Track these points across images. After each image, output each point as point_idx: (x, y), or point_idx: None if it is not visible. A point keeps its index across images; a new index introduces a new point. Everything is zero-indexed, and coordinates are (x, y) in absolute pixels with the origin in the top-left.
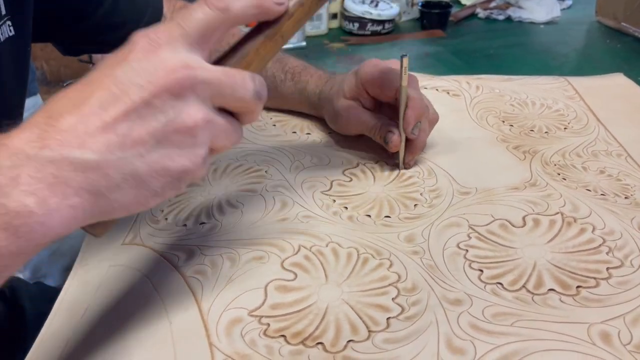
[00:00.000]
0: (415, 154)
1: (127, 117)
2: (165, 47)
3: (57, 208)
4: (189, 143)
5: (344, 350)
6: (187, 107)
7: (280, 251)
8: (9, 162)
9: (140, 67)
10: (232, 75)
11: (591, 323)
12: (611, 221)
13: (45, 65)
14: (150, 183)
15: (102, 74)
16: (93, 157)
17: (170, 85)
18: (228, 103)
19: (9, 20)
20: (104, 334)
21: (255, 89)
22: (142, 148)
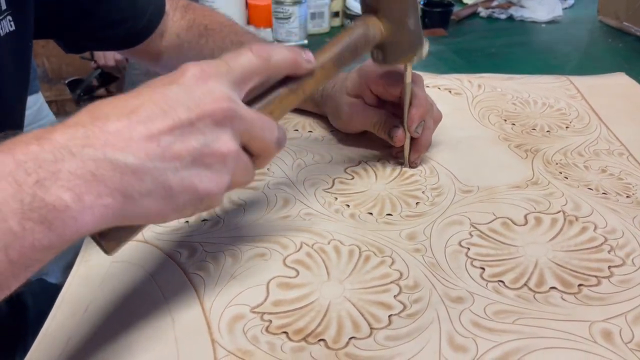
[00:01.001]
0: (421, 152)
1: (171, 132)
2: (213, 78)
3: (91, 205)
4: (218, 168)
5: (346, 347)
6: (224, 135)
7: (282, 248)
8: (52, 157)
9: (190, 91)
10: (264, 120)
11: (593, 321)
12: (613, 220)
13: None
14: (177, 197)
15: (153, 90)
16: (133, 161)
17: (214, 112)
18: (253, 143)
19: (9, 15)
20: (106, 330)
21: (278, 137)
22: (178, 163)
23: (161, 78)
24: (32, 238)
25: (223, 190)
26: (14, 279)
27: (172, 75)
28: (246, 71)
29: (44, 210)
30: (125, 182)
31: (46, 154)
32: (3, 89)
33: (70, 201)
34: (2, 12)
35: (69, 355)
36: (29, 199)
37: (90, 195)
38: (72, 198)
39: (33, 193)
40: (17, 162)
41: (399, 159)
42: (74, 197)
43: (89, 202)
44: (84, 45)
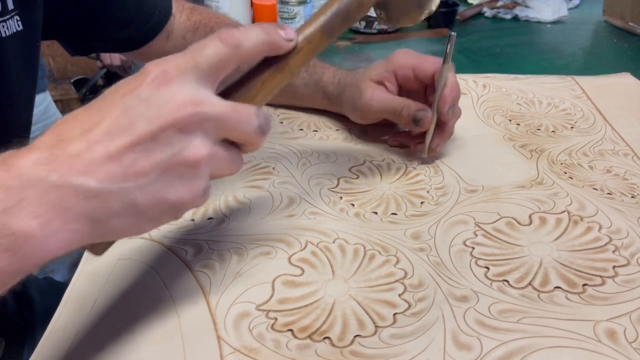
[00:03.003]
0: (444, 139)
1: (132, 149)
2: (176, 80)
3: (58, 231)
4: (191, 176)
5: (351, 345)
6: (193, 141)
7: (287, 247)
8: (17, 183)
9: (150, 100)
10: (237, 111)
11: (597, 320)
12: (617, 220)
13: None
14: (148, 212)
15: (112, 102)
16: (96, 185)
17: (178, 120)
18: (232, 136)
19: (17, 15)
20: (112, 326)
21: (259, 124)
22: (143, 180)
23: (123, 83)
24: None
25: (201, 194)
26: None
27: (134, 80)
28: (214, 62)
29: (11, 238)
30: (90, 207)
31: (12, 181)
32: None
33: (37, 229)
34: (9, 11)
35: (77, 351)
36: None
37: (57, 221)
38: (38, 225)
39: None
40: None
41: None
42: (41, 224)
43: (56, 229)
44: (89, 46)
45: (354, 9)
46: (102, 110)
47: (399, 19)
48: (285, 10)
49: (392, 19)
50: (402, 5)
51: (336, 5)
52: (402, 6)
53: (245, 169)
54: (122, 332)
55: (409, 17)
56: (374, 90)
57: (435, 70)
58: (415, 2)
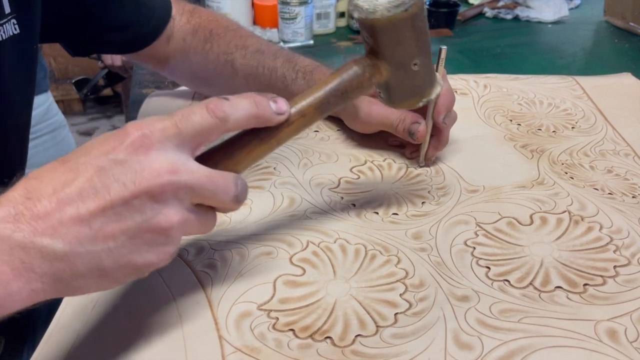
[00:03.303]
0: (439, 149)
1: (103, 213)
2: (155, 145)
3: (18, 291)
4: (161, 242)
5: (352, 345)
6: (165, 209)
7: (288, 247)
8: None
9: (127, 164)
10: (215, 180)
11: (598, 320)
12: (618, 220)
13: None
14: (113, 274)
15: (88, 161)
16: (62, 247)
17: (152, 189)
18: (207, 202)
19: (13, 18)
20: (113, 327)
21: (235, 194)
22: (112, 243)
23: (102, 141)
24: None
25: (168, 258)
26: None
27: (113, 139)
28: (198, 131)
29: None
30: (55, 268)
31: None
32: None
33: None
34: (5, 15)
35: (78, 351)
36: None
37: (18, 282)
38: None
39: None
40: None
41: (415, 158)
42: (1, 283)
43: (16, 288)
44: (89, 48)
45: (353, 88)
46: (76, 168)
47: (397, 103)
48: (286, 11)
49: (391, 101)
50: (402, 90)
51: (335, 82)
52: (401, 91)
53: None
54: (124, 332)
55: (408, 102)
56: (370, 105)
57: None
58: (414, 91)
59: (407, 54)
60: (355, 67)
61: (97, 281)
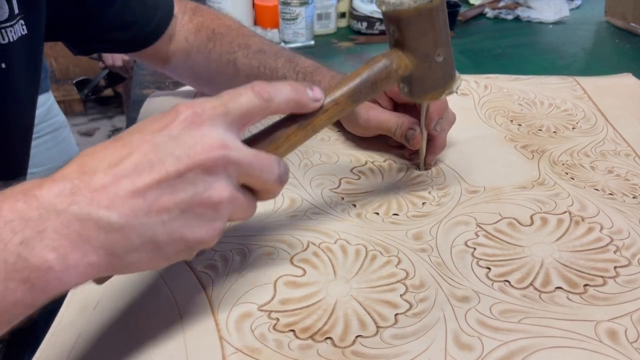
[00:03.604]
0: (437, 153)
1: (159, 186)
2: (207, 122)
3: (75, 264)
4: (211, 217)
5: (352, 345)
6: (216, 183)
7: (289, 247)
8: (37, 215)
9: (180, 138)
10: (261, 159)
11: (598, 321)
12: (619, 220)
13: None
14: (165, 249)
15: (142, 138)
16: (118, 219)
17: (205, 162)
18: (253, 182)
19: (21, 19)
20: (115, 327)
21: (279, 173)
22: (165, 216)
23: (152, 120)
24: (14, 297)
25: (216, 235)
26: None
27: (164, 118)
28: (245, 112)
29: (27, 271)
30: (110, 241)
31: (32, 212)
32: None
33: (55, 262)
34: (15, 16)
35: (79, 352)
36: (13, 259)
37: (76, 254)
38: (56, 258)
39: (18, 253)
40: (3, 219)
41: (414, 161)
42: (59, 257)
43: (73, 262)
44: (92, 47)
45: (382, 79)
46: (130, 144)
47: (420, 96)
48: (287, 12)
49: (414, 95)
50: (425, 82)
51: (366, 73)
52: (425, 84)
53: None
54: (125, 332)
55: (430, 95)
56: (369, 110)
57: None
58: (437, 83)
59: (432, 45)
60: (384, 60)
61: (149, 256)
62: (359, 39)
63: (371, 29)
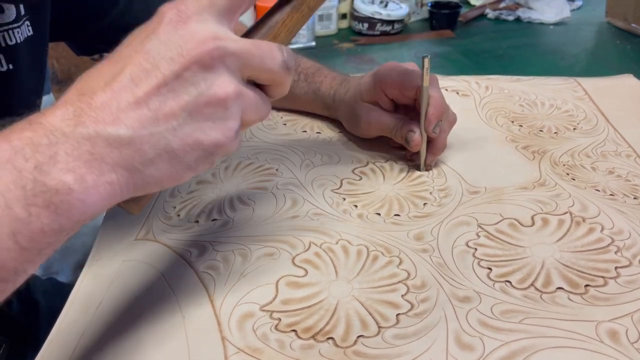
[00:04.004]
0: (437, 154)
1: (159, 91)
2: (194, 18)
3: (94, 184)
4: (221, 115)
5: (354, 345)
6: (218, 79)
7: (291, 248)
8: (47, 140)
9: (170, 40)
10: (260, 46)
11: (599, 321)
12: (620, 221)
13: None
14: (184, 157)
15: (132, 49)
16: (126, 132)
17: (201, 57)
18: (257, 74)
19: (27, 20)
20: (118, 327)
21: (283, 59)
22: (174, 121)
23: (140, 29)
24: (40, 223)
25: (233, 136)
26: (28, 264)
27: (150, 23)
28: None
29: (47, 195)
30: (124, 155)
31: (41, 138)
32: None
33: (73, 183)
34: (21, 17)
35: (82, 351)
36: (30, 185)
37: (92, 174)
38: (74, 179)
39: (34, 178)
40: (14, 148)
41: (414, 162)
42: (76, 178)
43: (92, 182)
44: (95, 47)
45: None
46: (122, 59)
47: None
48: None
49: None
50: None
51: None
52: None
53: (248, 171)
54: (128, 332)
55: None
56: (369, 112)
57: (419, 86)
58: None
59: None
60: None
61: (169, 168)
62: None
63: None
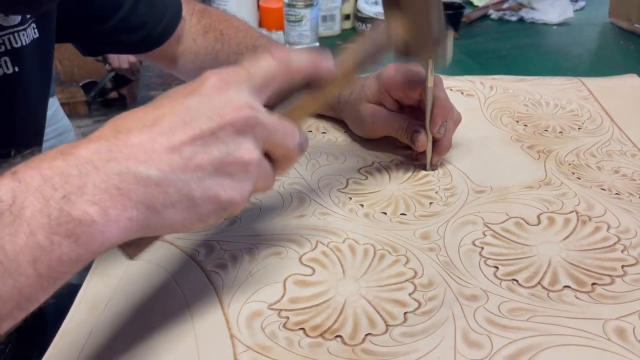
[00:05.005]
0: (442, 154)
1: (193, 143)
2: (233, 87)
3: (116, 219)
4: (241, 177)
5: (362, 343)
6: (246, 143)
7: (298, 247)
8: (77, 172)
9: (210, 101)
10: (285, 125)
11: (606, 319)
12: (626, 220)
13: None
14: (201, 207)
15: (174, 101)
16: (156, 173)
17: (236, 121)
18: (275, 149)
19: (33, 22)
20: (126, 326)
21: (300, 141)
22: (200, 173)
23: (181, 88)
24: (59, 252)
25: (246, 198)
26: (42, 292)
27: (192, 84)
28: (266, 76)
29: (70, 225)
30: (149, 195)
31: (71, 169)
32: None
33: (96, 215)
34: (26, 20)
35: (90, 350)
36: (56, 214)
37: (116, 209)
38: (97, 212)
39: (60, 208)
40: (43, 177)
41: (420, 161)
42: (100, 211)
43: (114, 216)
44: (101, 48)
45: (383, 48)
46: (162, 107)
47: (418, 52)
48: (292, 13)
49: (410, 55)
50: (421, 44)
51: (369, 43)
52: (420, 45)
53: None
54: (136, 331)
55: (427, 49)
56: (374, 112)
57: (423, 87)
58: (432, 43)
59: (426, 5)
60: (385, 28)
61: (185, 214)
62: None
63: None
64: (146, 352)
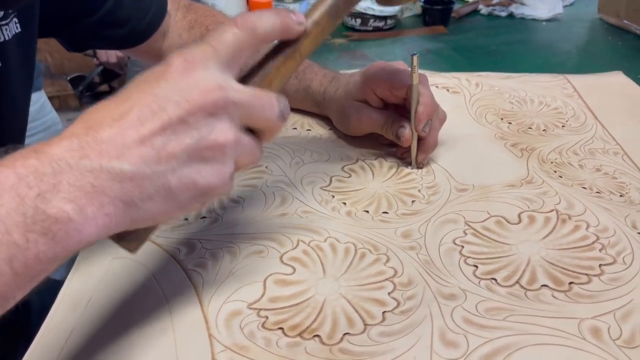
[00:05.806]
0: (428, 153)
1: (163, 132)
2: (199, 67)
3: (93, 216)
4: (218, 160)
5: (340, 343)
6: (219, 125)
7: (279, 246)
8: (51, 169)
9: (177, 86)
10: (260, 97)
11: (582, 318)
12: (605, 219)
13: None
14: (179, 196)
15: (140, 90)
16: (130, 168)
17: (205, 104)
18: (255, 122)
19: (15, 17)
20: (106, 324)
21: (280, 110)
22: (174, 162)
23: (148, 74)
24: (36, 250)
25: (227, 180)
26: (19, 290)
27: (159, 69)
28: (233, 48)
29: (46, 223)
30: (125, 190)
31: (45, 167)
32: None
33: (73, 213)
34: (8, 14)
35: (71, 348)
36: (31, 212)
37: (92, 206)
38: (73, 210)
39: (35, 206)
40: (18, 175)
41: (406, 159)
42: (76, 208)
43: (91, 213)
44: (85, 44)
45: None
46: (130, 99)
47: None
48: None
49: None
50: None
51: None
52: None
53: None
54: (116, 329)
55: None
56: (359, 110)
57: (409, 86)
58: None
59: None
60: None
61: (164, 205)
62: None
63: (365, 26)
64: (126, 350)
